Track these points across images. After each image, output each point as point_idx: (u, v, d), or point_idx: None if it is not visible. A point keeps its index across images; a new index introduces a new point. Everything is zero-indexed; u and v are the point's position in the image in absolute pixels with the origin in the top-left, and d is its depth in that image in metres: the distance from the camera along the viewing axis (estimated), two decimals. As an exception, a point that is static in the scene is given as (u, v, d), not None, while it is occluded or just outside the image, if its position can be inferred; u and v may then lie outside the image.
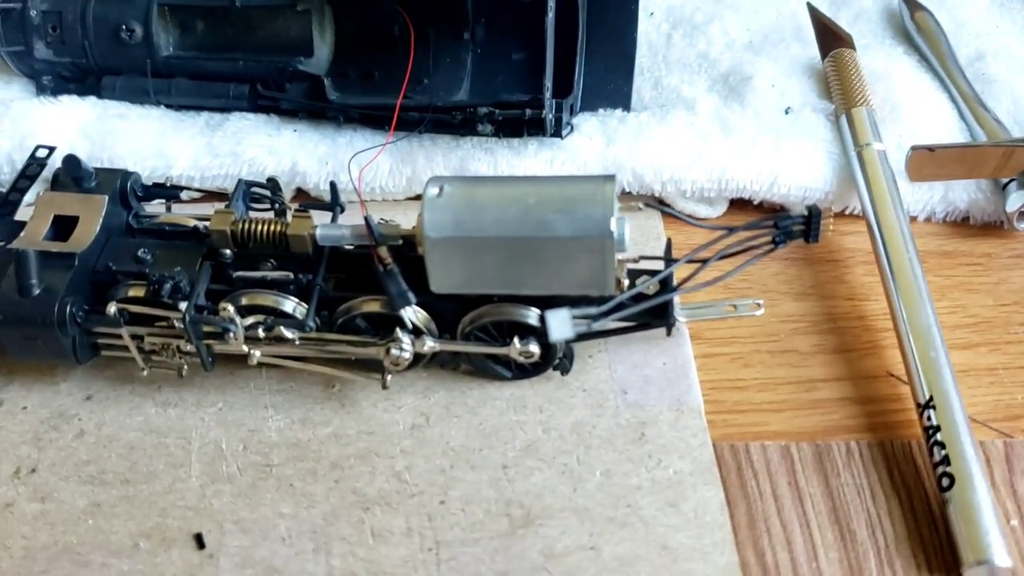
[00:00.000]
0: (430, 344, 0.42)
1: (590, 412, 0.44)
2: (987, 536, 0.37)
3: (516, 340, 0.41)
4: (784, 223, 0.40)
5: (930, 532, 0.40)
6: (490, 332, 0.42)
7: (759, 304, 0.45)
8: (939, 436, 0.40)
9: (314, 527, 0.40)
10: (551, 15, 0.48)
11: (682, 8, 0.64)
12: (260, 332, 0.41)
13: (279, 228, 0.42)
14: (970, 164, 0.51)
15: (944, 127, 0.56)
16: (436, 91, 0.52)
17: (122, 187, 0.45)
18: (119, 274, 0.42)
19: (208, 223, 0.42)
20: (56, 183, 0.45)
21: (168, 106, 0.55)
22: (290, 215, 0.43)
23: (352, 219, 0.42)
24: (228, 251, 0.42)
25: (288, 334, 0.41)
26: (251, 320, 0.41)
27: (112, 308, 0.41)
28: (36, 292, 0.41)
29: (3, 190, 0.47)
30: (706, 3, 0.64)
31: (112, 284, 0.42)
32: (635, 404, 0.44)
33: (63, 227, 0.43)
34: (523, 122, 0.50)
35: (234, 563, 0.39)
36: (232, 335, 0.41)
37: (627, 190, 0.53)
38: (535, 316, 0.41)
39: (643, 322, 0.44)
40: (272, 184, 0.46)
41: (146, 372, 0.43)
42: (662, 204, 0.53)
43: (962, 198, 0.53)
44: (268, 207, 0.46)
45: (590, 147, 0.52)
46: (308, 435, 0.43)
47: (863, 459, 0.42)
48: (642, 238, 0.51)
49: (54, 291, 0.41)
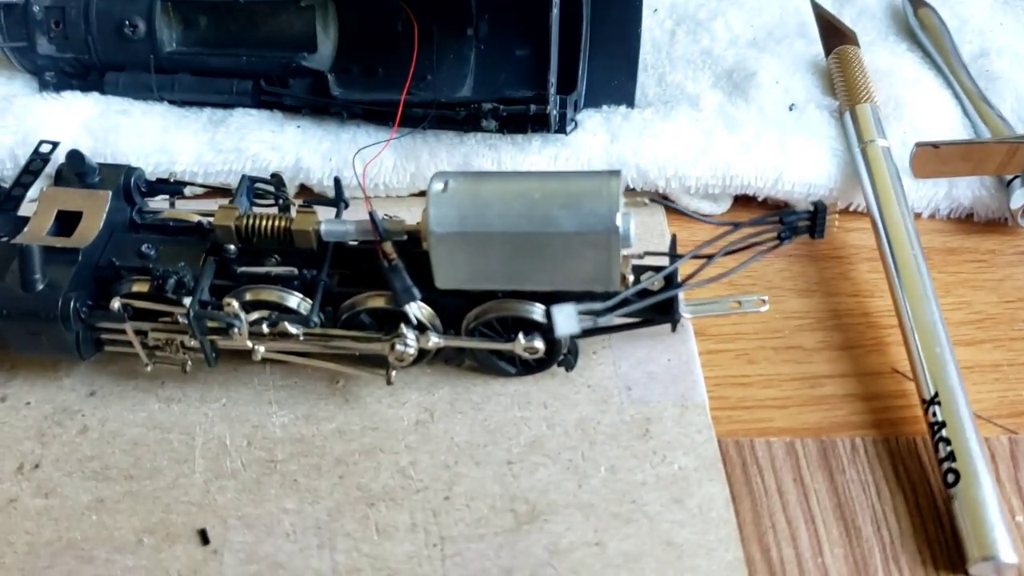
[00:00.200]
0: (434, 340, 0.42)
1: (595, 408, 0.43)
2: (992, 532, 0.37)
3: (520, 336, 0.41)
4: (790, 219, 0.40)
5: (935, 528, 0.40)
6: (495, 328, 0.42)
7: (764, 300, 0.45)
8: (944, 432, 0.40)
9: (318, 523, 0.40)
10: (555, 11, 0.48)
11: (686, 4, 0.64)
12: (264, 328, 0.41)
13: (283, 223, 0.42)
14: (974, 161, 0.51)
15: (948, 124, 0.56)
16: (440, 87, 0.52)
17: (126, 183, 0.45)
18: (123, 269, 0.42)
19: (212, 219, 0.42)
20: (59, 179, 0.45)
21: (171, 102, 0.55)
22: (294, 210, 0.43)
23: (356, 215, 0.42)
24: (232, 246, 0.42)
25: (292, 330, 0.41)
26: (255, 315, 0.41)
27: (116, 303, 0.41)
28: (40, 287, 0.41)
29: (6, 185, 0.47)
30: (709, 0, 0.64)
31: (116, 279, 0.42)
32: (640, 400, 0.44)
33: (67, 222, 0.43)
34: (527, 118, 0.50)
35: (238, 559, 0.39)
36: (236, 330, 0.41)
37: (631, 186, 0.53)
38: (540, 312, 0.41)
39: (648, 318, 0.44)
40: (276, 180, 0.46)
41: (150, 368, 0.43)
42: (667, 200, 0.53)
43: (966, 195, 0.53)
44: (272, 203, 0.46)
45: (594, 143, 0.52)
46: (312, 431, 0.43)
47: (868, 455, 0.42)
48: (646, 234, 0.51)
49: (58, 286, 0.41)
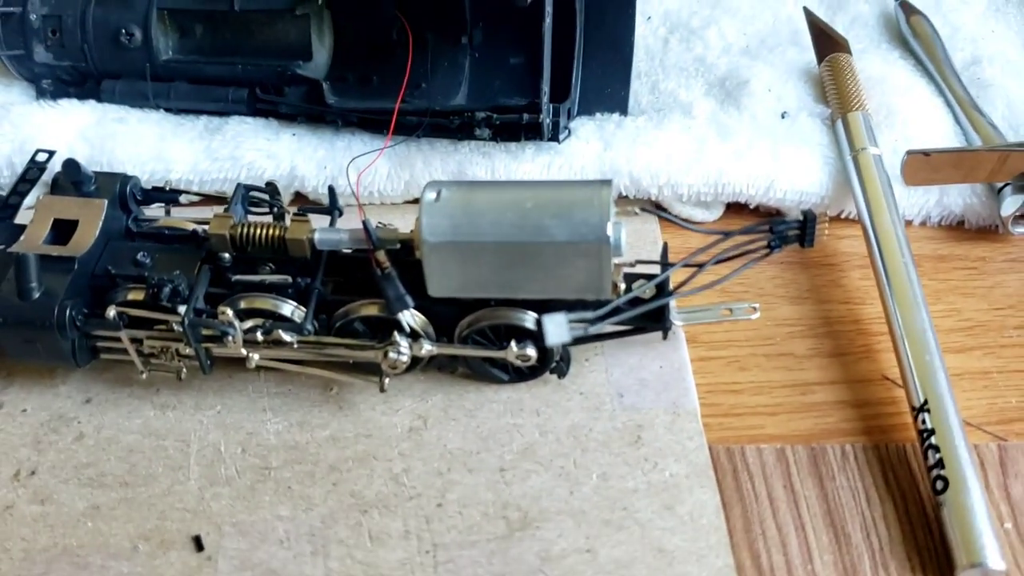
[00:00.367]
0: (428, 347, 0.42)
1: (587, 415, 0.44)
2: (981, 539, 0.37)
3: (513, 344, 0.42)
4: (780, 228, 0.41)
5: (924, 535, 0.40)
6: (487, 336, 0.42)
7: (755, 308, 0.45)
8: (933, 439, 0.40)
9: (312, 530, 0.40)
10: (549, 20, 0.49)
11: (679, 13, 0.64)
12: (259, 335, 0.41)
13: (278, 232, 0.42)
14: (965, 168, 0.51)
15: (939, 132, 0.56)
16: (434, 95, 0.53)
17: (121, 191, 0.45)
18: (118, 277, 0.43)
19: (207, 227, 0.43)
20: (56, 187, 0.45)
21: (167, 110, 0.55)
22: (288, 219, 0.43)
23: (350, 223, 0.42)
24: (227, 255, 0.42)
25: (286, 337, 0.41)
26: (250, 323, 0.41)
27: (111, 311, 0.41)
28: (36, 295, 0.41)
29: (3, 194, 0.47)
30: (703, 8, 0.65)
31: (111, 287, 0.43)
32: (631, 407, 0.44)
33: (63, 231, 0.43)
34: (521, 126, 0.50)
35: (232, 565, 0.39)
36: (231, 338, 0.41)
37: (624, 194, 0.53)
38: (532, 320, 0.42)
39: (639, 326, 0.44)
40: (271, 188, 0.46)
41: (145, 375, 0.44)
42: (659, 208, 0.53)
43: (957, 202, 0.53)
44: (267, 211, 0.46)
45: (587, 151, 0.53)
46: (306, 438, 0.43)
47: (858, 462, 0.42)
48: (638, 242, 0.52)
49: (54, 294, 0.41)
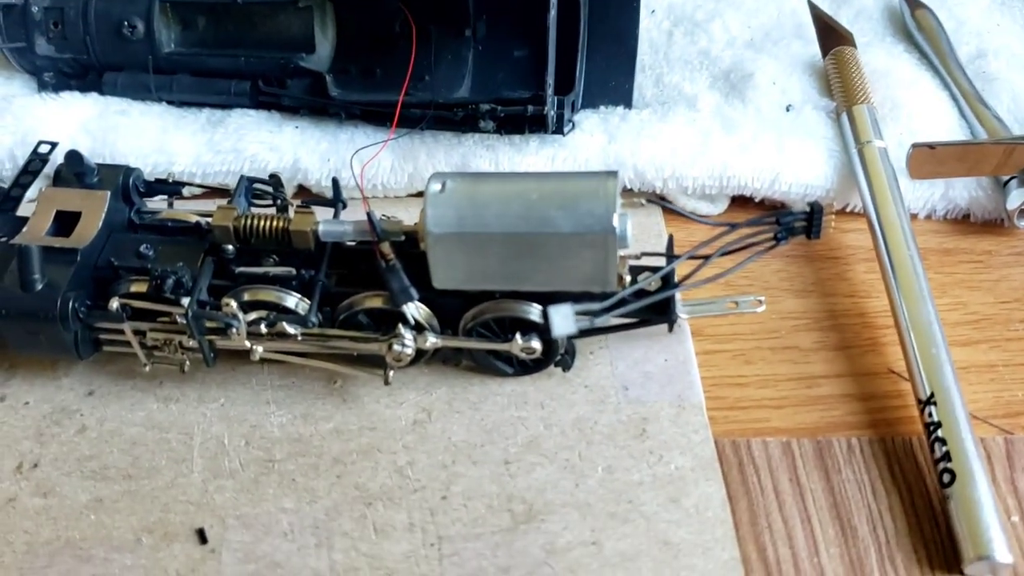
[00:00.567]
0: (432, 340, 0.42)
1: (591, 408, 0.44)
2: (988, 532, 0.37)
3: (518, 336, 0.41)
4: (786, 219, 0.40)
5: (931, 528, 0.40)
6: (492, 328, 0.42)
7: (760, 301, 0.45)
8: (940, 432, 0.40)
9: (316, 522, 0.40)
10: (553, 12, 0.48)
11: (683, 6, 0.64)
12: (262, 328, 0.41)
13: (281, 224, 0.42)
14: (971, 162, 0.51)
15: (945, 125, 0.56)
16: (438, 88, 0.52)
17: (124, 183, 0.45)
18: (121, 269, 0.43)
19: (210, 219, 0.42)
20: (58, 179, 0.45)
21: (170, 102, 0.55)
22: (292, 211, 0.43)
23: (354, 215, 0.42)
24: (230, 247, 0.42)
25: (290, 330, 0.41)
26: (253, 316, 0.41)
27: (114, 303, 0.41)
28: (39, 287, 0.41)
29: (5, 186, 0.47)
30: (707, 0, 0.64)
31: (114, 280, 0.43)
32: (636, 400, 0.44)
33: (65, 223, 0.43)
34: (525, 119, 0.50)
35: (236, 558, 0.39)
36: (234, 330, 0.41)
37: (628, 187, 0.53)
38: (537, 312, 0.41)
39: (645, 318, 0.44)
40: (274, 180, 0.46)
41: (148, 368, 0.44)
42: (664, 201, 0.53)
43: (963, 196, 0.53)
44: (270, 203, 0.46)
45: (591, 144, 0.53)
46: (310, 430, 0.43)
47: (864, 455, 0.42)
48: (643, 235, 0.52)
49: (56, 286, 0.41)
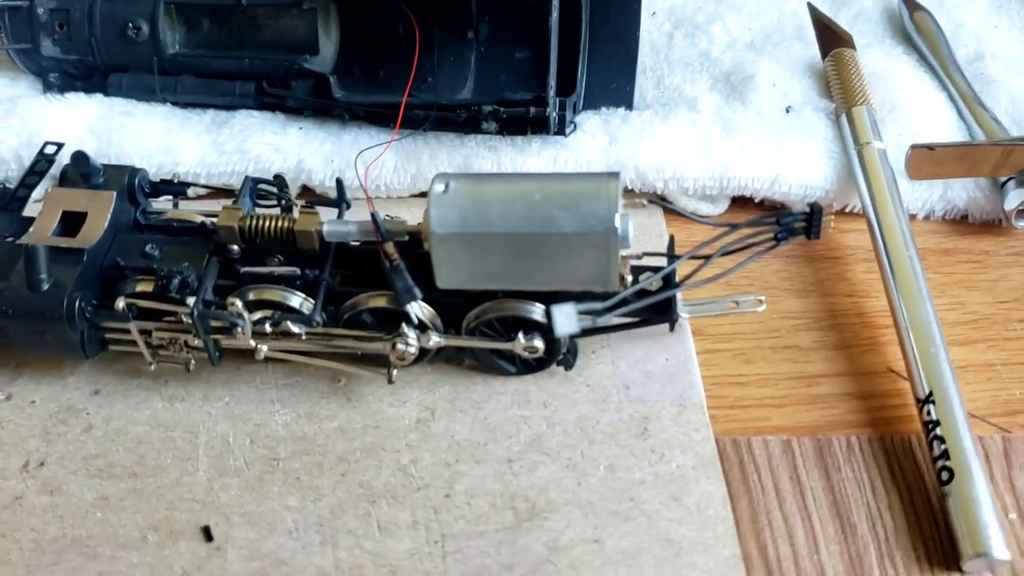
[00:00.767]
0: (435, 339, 0.42)
1: (593, 407, 0.44)
2: (986, 529, 0.38)
3: (520, 336, 0.42)
4: (786, 220, 0.41)
5: (930, 525, 0.40)
6: (495, 328, 0.43)
7: (761, 300, 0.45)
8: (938, 431, 0.40)
9: (321, 520, 0.40)
10: (555, 14, 0.49)
11: (684, 8, 0.65)
12: (267, 327, 0.41)
13: (286, 224, 0.42)
14: (969, 163, 0.51)
15: (943, 126, 0.56)
16: (441, 89, 0.53)
17: (130, 183, 0.45)
18: (127, 269, 0.43)
19: (215, 219, 0.43)
20: (64, 179, 0.45)
21: (174, 104, 0.55)
22: (297, 211, 0.43)
23: (358, 216, 0.42)
24: (235, 247, 0.43)
25: (295, 329, 0.42)
26: (258, 315, 0.42)
27: (120, 303, 0.41)
28: (45, 287, 0.41)
29: (11, 186, 0.48)
30: (708, 3, 0.65)
31: (120, 279, 0.43)
32: (638, 399, 0.44)
33: (71, 223, 0.43)
34: (527, 120, 0.51)
35: (241, 555, 0.39)
36: (239, 330, 0.41)
37: (629, 188, 0.53)
38: (539, 312, 0.42)
39: (646, 318, 0.44)
40: (279, 181, 0.46)
41: (153, 367, 0.44)
42: (665, 201, 0.53)
43: (961, 196, 0.53)
44: (275, 204, 0.46)
45: (593, 145, 0.53)
46: (314, 429, 0.43)
47: (863, 454, 0.43)
48: (645, 235, 0.52)
49: (63, 286, 0.41)
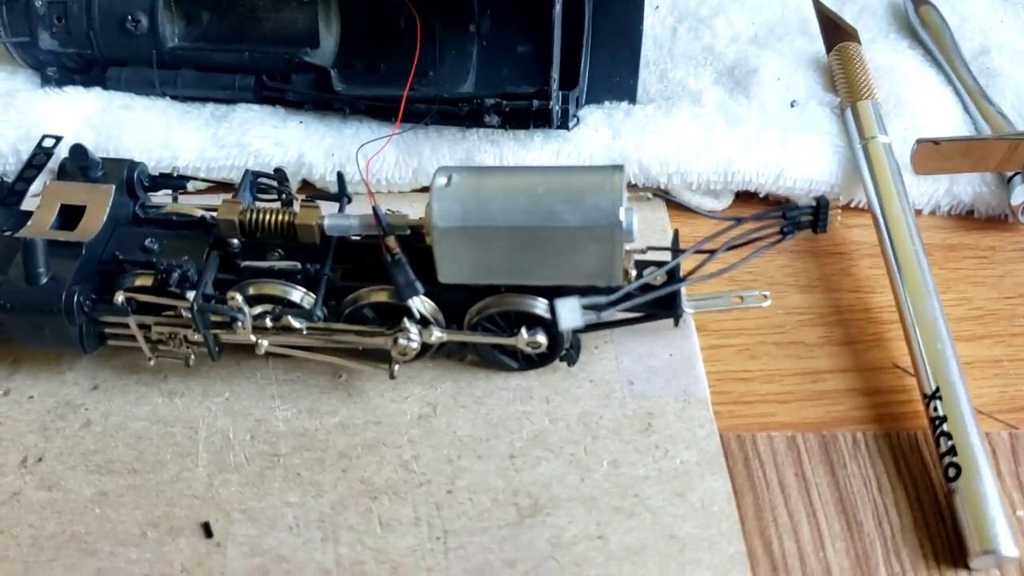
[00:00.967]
0: (437, 334, 0.42)
1: (597, 402, 0.44)
2: (994, 526, 0.37)
3: (523, 331, 0.41)
4: (792, 214, 0.40)
5: (937, 522, 0.40)
6: (497, 322, 0.42)
7: (766, 296, 0.45)
8: (945, 427, 0.40)
9: (322, 516, 0.40)
10: (558, 7, 0.48)
11: (687, 1, 0.64)
12: (268, 322, 0.41)
13: (287, 218, 0.42)
14: (975, 157, 0.51)
15: (949, 121, 0.56)
16: (442, 83, 0.52)
17: (129, 177, 0.45)
18: (126, 263, 0.42)
19: (215, 213, 0.42)
20: (63, 173, 0.45)
21: (173, 97, 0.55)
22: (297, 205, 0.43)
23: (359, 210, 0.42)
24: (236, 240, 0.42)
25: (296, 324, 0.41)
26: (259, 310, 0.41)
27: (119, 297, 0.41)
28: (43, 281, 0.41)
29: (9, 180, 0.47)
30: (711, -4, 0.65)
31: (119, 273, 0.42)
32: (642, 395, 0.44)
33: (70, 216, 0.43)
34: (529, 114, 0.50)
35: (242, 552, 0.39)
36: (240, 324, 0.41)
37: (633, 182, 0.53)
38: (543, 306, 0.41)
39: (650, 313, 0.44)
40: (279, 174, 0.46)
41: (153, 362, 0.43)
42: (669, 195, 0.53)
43: (967, 191, 0.53)
44: (275, 198, 0.46)
45: (596, 139, 0.53)
46: (315, 425, 0.43)
47: (869, 450, 0.42)
48: (649, 230, 0.51)
49: (61, 280, 0.41)
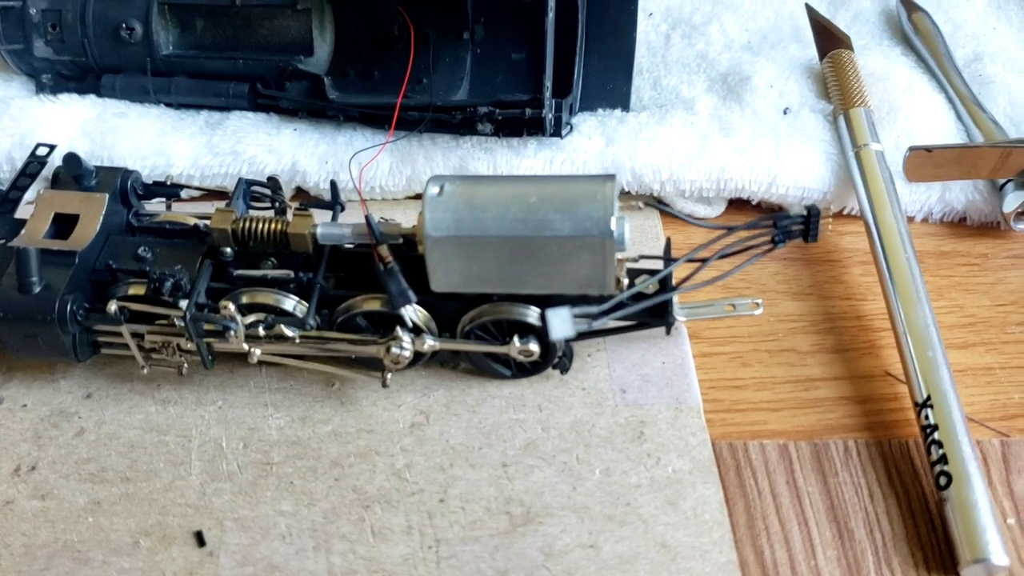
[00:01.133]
0: (430, 343, 0.42)
1: (589, 411, 0.44)
2: (984, 534, 0.37)
3: (516, 339, 0.42)
4: (783, 222, 0.40)
5: (928, 530, 0.40)
6: (490, 331, 0.42)
7: (758, 303, 0.45)
8: (936, 435, 0.40)
9: (314, 525, 0.40)
10: (551, 15, 0.49)
11: (681, 9, 0.64)
12: (260, 330, 0.41)
13: (280, 226, 0.42)
14: (967, 165, 0.51)
15: (941, 128, 0.56)
16: (436, 91, 0.52)
17: (122, 185, 0.45)
18: (119, 272, 0.43)
19: (208, 221, 0.42)
20: (56, 181, 0.45)
21: (168, 105, 0.55)
22: (291, 213, 0.43)
23: (352, 218, 0.42)
24: (228, 249, 0.42)
25: (288, 332, 0.41)
26: (251, 318, 0.41)
27: (112, 306, 0.41)
28: (37, 290, 0.41)
29: (3, 188, 0.47)
30: (705, 4, 0.65)
31: (112, 282, 0.43)
32: (634, 403, 0.44)
33: (63, 225, 0.43)
34: (523, 122, 0.50)
35: (234, 561, 0.39)
36: (233, 333, 0.41)
37: (626, 190, 0.53)
38: (535, 315, 0.41)
39: (642, 321, 0.44)
40: (272, 183, 0.46)
41: (146, 370, 0.44)
42: (661, 204, 0.53)
43: (959, 199, 0.53)
44: (268, 206, 0.46)
45: (589, 147, 0.53)
46: (308, 433, 0.43)
47: (861, 458, 0.42)
48: (641, 238, 0.52)
49: (54, 289, 0.41)
